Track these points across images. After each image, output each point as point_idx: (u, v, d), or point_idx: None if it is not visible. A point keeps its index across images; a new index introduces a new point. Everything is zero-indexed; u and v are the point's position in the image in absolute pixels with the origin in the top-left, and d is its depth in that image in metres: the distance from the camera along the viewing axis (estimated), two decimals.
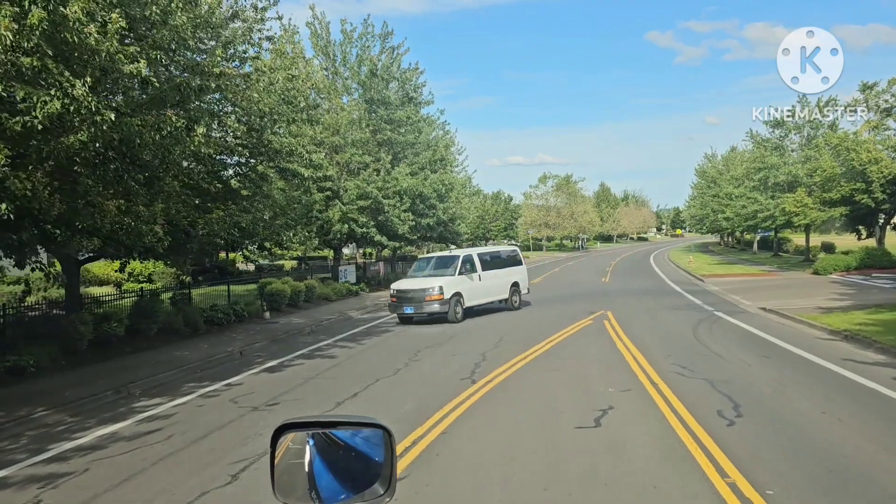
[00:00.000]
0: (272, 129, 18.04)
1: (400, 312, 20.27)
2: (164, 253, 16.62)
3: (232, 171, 19.22)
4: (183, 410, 10.46)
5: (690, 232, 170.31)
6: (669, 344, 14.74)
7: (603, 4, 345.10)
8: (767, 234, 68.69)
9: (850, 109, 34.66)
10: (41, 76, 8.40)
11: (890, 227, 36.71)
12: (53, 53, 8.37)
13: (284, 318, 22.85)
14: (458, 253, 21.77)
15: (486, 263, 21.78)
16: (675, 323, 18.43)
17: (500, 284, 22.16)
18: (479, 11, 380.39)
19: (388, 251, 43.66)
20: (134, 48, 9.50)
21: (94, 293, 24.37)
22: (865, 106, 33.68)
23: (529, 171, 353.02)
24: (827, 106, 41.67)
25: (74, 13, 8.01)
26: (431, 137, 35.32)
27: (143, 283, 34.56)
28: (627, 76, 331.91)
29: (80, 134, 9.08)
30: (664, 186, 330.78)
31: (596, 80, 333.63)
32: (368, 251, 52.51)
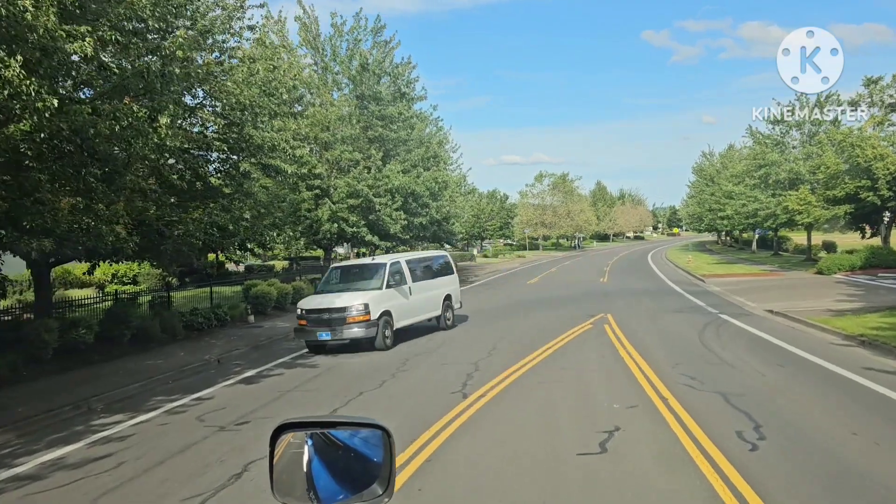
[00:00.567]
0: (253, 122, 17.09)
1: (310, 339, 15.70)
2: (134, 255, 15.65)
3: (212, 167, 18.31)
4: (143, 430, 9.46)
5: (687, 231, 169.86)
6: (675, 351, 13.78)
7: (598, 4, 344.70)
8: (765, 232, 68.03)
9: (853, 105, 33.93)
10: None
11: None
12: None
13: (270, 321, 21.84)
14: (383, 260, 17.46)
15: (416, 274, 18.01)
16: (679, 327, 17.49)
17: (431, 299, 18.27)
18: (474, 11, 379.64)
19: (380, 251, 42.73)
20: (85, 28, 8.50)
21: (73, 296, 23.32)
22: (870, 101, 32.87)
23: (526, 170, 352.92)
24: (828, 101, 41.04)
25: None
26: (424, 134, 34.29)
27: (127, 285, 33.53)
28: (623, 75, 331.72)
29: (21, 123, 8.08)
30: (660, 185, 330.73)
31: (592, 79, 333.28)
32: (362, 251, 51.59)
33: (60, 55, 7.87)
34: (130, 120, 9.63)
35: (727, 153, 74.10)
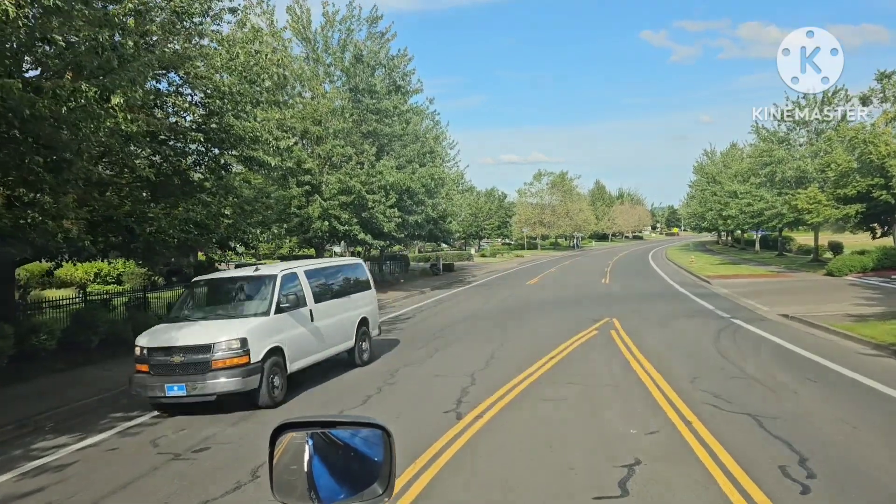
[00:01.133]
0: (234, 111, 15.84)
1: (154, 395, 10.06)
2: (101, 253, 14.42)
3: (191, 160, 17.07)
4: (87, 457, 8.20)
5: (686, 230, 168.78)
6: (692, 361, 12.55)
7: (597, 3, 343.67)
8: (766, 232, 66.87)
9: (864, 100, 32.74)
10: None
11: None
12: None
13: None
14: (271, 272, 11.87)
15: (321, 290, 12.57)
16: (691, 333, 16.26)
17: (341, 325, 12.84)
18: (472, 10, 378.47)
19: (375, 250, 41.45)
20: None
21: (49, 296, 22.02)
22: (882, 96, 31.67)
23: (524, 169, 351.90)
24: (835, 97, 39.84)
25: None
26: (420, 128, 33.01)
27: (111, 284, 32.27)
28: (622, 75, 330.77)
29: None
30: (658, 185, 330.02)
31: (590, 78, 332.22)
32: (358, 250, 50.29)
33: None
34: (77, 100, 8.37)
35: (729, 152, 72.93)
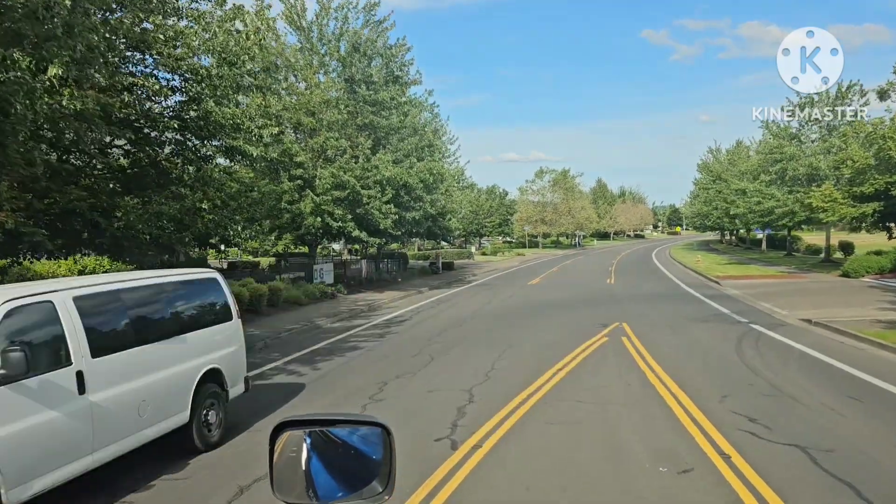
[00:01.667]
0: (212, 96, 14.55)
1: None
2: (58, 250, 13.13)
3: (169, 149, 15.79)
4: None
5: (688, 229, 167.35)
6: (717, 375, 11.23)
7: (598, 1, 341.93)
8: (770, 231, 65.50)
9: (882, 94, 31.35)
10: None
11: None
12: None
13: None
14: None
15: (109, 331, 6.78)
16: (710, 341, 14.95)
17: (158, 389, 7.19)
18: (473, 8, 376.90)
19: (372, 248, 40.14)
20: None
21: None
22: None
23: (524, 167, 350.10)
24: (849, 91, 38.49)
25: None
26: (419, 121, 31.64)
27: None
28: (622, 74, 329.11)
29: None
30: (659, 184, 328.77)
31: (591, 77, 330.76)
32: (356, 247, 48.95)
33: None
34: (6, 70, 7.06)
35: (735, 149, 71.56)
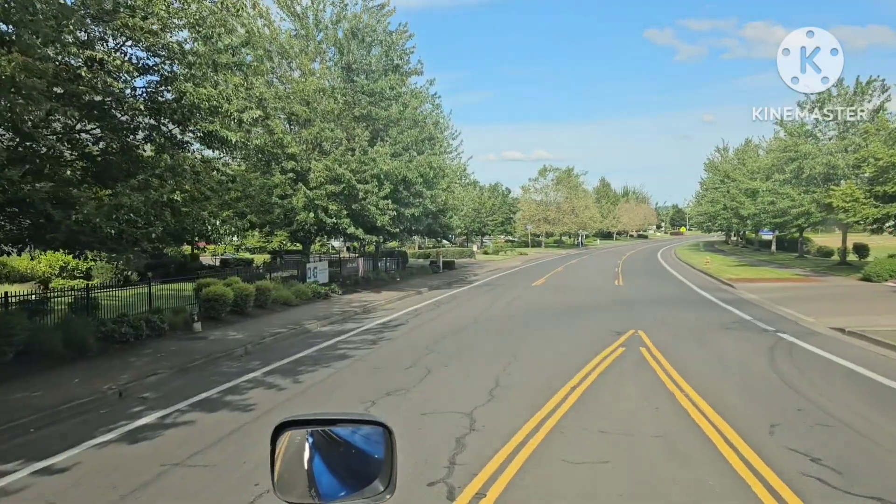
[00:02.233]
0: (185, 74, 13.06)
1: None
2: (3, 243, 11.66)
3: (143, 135, 14.31)
4: None
5: (692, 230, 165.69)
6: (757, 397, 9.71)
7: (602, 1, 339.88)
8: (772, 233, 63.95)
9: None
10: None
11: None
12: None
13: (221, 330, 17.77)
14: None
15: None
16: (739, 353, 13.42)
17: None
18: (477, 7, 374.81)
19: (371, 246, 38.67)
20: None
21: None
22: None
23: (526, 166, 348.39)
24: (869, 87, 36.91)
25: None
26: (419, 112, 30.07)
27: (77, 279, 29.48)
28: (626, 73, 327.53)
29: None
30: (662, 184, 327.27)
31: (594, 76, 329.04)
32: (355, 245, 47.37)
33: None
34: None
35: (744, 148, 69.94)
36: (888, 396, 9.88)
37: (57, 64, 9.53)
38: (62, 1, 10.22)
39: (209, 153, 17.14)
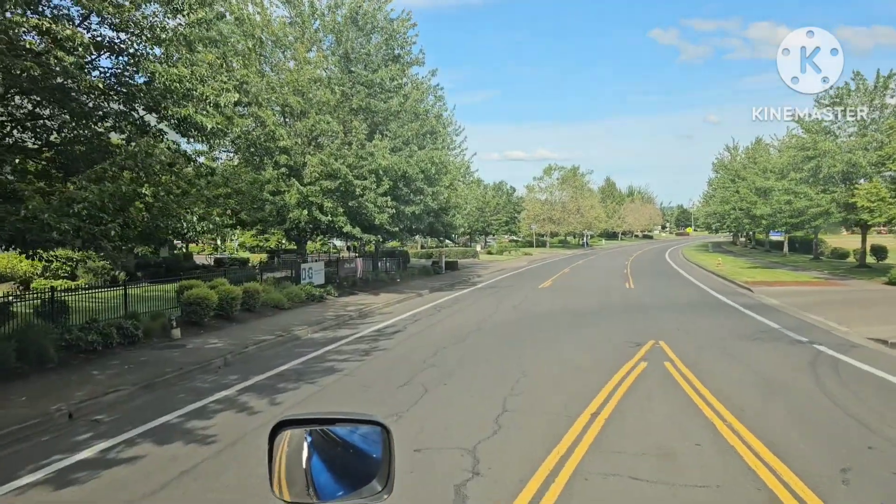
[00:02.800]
0: (156, 54, 11.62)
1: None
2: None
3: (110, 122, 12.90)
4: None
5: (697, 230, 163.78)
6: (815, 430, 8.18)
7: (606, 1, 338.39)
8: (781, 233, 62.34)
9: None
10: None
11: None
12: None
13: (202, 337, 16.32)
14: None
15: None
16: (776, 370, 11.89)
17: None
18: (482, 6, 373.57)
19: (370, 246, 37.22)
20: None
21: None
22: None
23: (530, 166, 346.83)
24: (891, 79, 35.34)
25: None
26: (421, 105, 28.55)
27: (61, 279, 28.05)
28: (630, 73, 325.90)
29: None
30: (665, 184, 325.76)
31: (598, 76, 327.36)
32: (355, 244, 45.92)
33: None
34: None
35: (755, 146, 68.29)
36: None
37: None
38: None
39: (197, 146, 15.77)
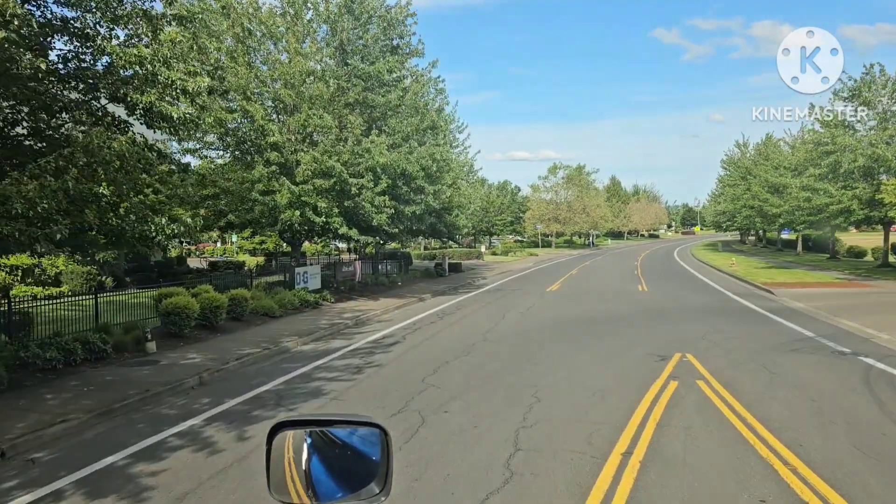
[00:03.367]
0: (108, 31, 10.16)
1: None
2: None
3: (68, 115, 11.48)
4: None
5: (704, 229, 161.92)
6: (893, 467, 6.66)
7: (609, 1, 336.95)
8: (788, 231, 60.73)
9: None
10: None
11: None
12: None
13: (180, 350, 14.84)
14: None
15: None
16: (827, 390, 10.33)
17: None
18: (485, 7, 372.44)
19: (370, 248, 35.75)
20: None
21: None
22: None
23: (533, 166, 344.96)
24: None
25: None
26: (420, 99, 27.04)
27: (43, 286, 26.64)
28: (633, 73, 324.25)
29: None
30: (670, 184, 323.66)
31: (601, 76, 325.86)
32: (356, 246, 44.45)
33: None
34: None
35: (766, 142, 66.62)
36: None
37: None
38: None
39: (189, 144, 14.29)
